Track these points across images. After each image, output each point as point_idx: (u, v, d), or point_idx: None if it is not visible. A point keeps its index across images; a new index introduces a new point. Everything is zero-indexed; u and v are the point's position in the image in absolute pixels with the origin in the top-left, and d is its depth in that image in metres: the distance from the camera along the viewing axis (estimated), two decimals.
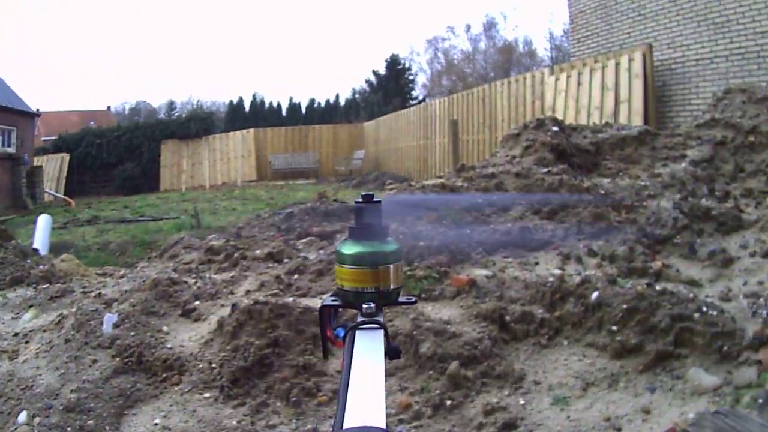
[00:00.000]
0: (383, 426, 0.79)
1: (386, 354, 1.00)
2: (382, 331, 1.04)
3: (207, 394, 3.53)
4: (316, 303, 3.91)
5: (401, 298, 1.16)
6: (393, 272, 1.12)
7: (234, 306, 4.00)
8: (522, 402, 3.23)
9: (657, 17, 13.08)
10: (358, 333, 1.04)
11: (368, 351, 0.99)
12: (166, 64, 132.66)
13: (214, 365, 3.67)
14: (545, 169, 5.91)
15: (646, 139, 6.81)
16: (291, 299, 4.03)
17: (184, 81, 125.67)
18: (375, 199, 1.15)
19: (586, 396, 3.27)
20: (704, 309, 3.59)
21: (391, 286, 1.12)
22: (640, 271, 4.47)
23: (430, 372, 3.44)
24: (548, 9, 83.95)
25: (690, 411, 3.01)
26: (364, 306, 1.08)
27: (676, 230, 4.95)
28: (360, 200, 1.14)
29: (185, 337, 4.07)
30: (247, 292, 4.55)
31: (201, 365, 3.71)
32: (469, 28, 59.96)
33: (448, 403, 3.25)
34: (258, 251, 5.51)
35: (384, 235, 1.14)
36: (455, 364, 3.41)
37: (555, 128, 6.75)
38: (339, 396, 0.89)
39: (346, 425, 0.80)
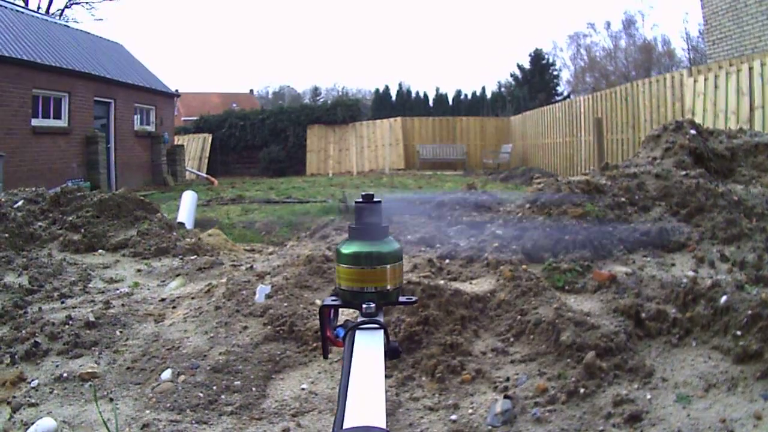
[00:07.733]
0: (383, 426, 0.77)
1: (386, 354, 0.98)
2: (382, 331, 1.02)
3: None
4: (466, 287, 3.88)
5: (401, 298, 1.13)
6: (391, 272, 1.09)
7: None
8: (649, 396, 3.23)
9: None
10: (358, 333, 1.02)
11: (368, 351, 0.96)
12: (310, 51, 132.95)
13: None
14: (683, 172, 5.73)
15: None
16: (442, 282, 3.88)
17: (327, 67, 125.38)
18: (375, 199, 1.11)
19: (707, 397, 3.22)
20: None
21: (388, 287, 1.09)
22: (767, 280, 4.30)
23: (568, 360, 3.40)
24: (682, 9, 79.54)
25: None
26: (364, 306, 1.06)
27: None
28: (360, 200, 1.11)
29: None
30: None
31: None
32: (609, 25, 57.70)
33: (582, 391, 3.20)
34: (409, 236, 5.42)
35: (384, 234, 1.10)
36: (592, 354, 3.36)
37: (693, 131, 6.48)
38: (339, 396, 0.86)
39: (346, 425, 0.78)
